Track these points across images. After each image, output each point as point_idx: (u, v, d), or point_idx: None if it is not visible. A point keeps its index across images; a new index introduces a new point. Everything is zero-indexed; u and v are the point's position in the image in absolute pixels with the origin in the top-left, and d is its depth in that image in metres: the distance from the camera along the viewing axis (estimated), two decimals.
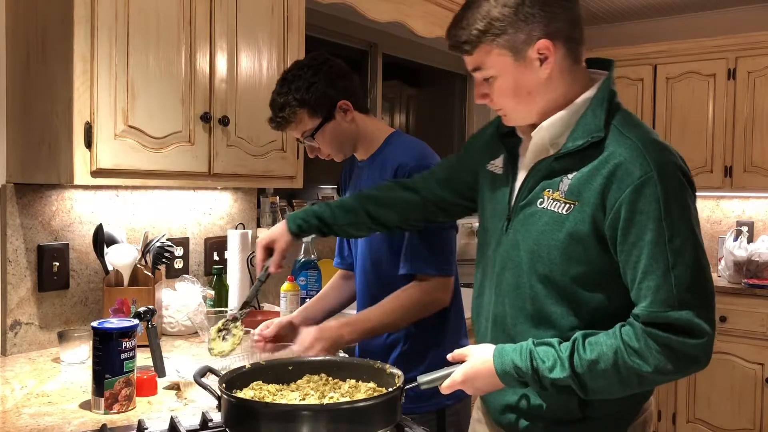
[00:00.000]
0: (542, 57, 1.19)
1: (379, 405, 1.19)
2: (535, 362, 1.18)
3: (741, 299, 3.79)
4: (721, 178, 4.09)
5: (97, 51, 1.76)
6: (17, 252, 1.99)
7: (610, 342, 1.15)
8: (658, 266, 1.13)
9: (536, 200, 1.26)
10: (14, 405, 1.53)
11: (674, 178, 1.16)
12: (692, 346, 1.13)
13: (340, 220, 1.60)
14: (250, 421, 1.17)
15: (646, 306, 1.14)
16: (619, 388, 1.18)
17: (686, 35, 4.34)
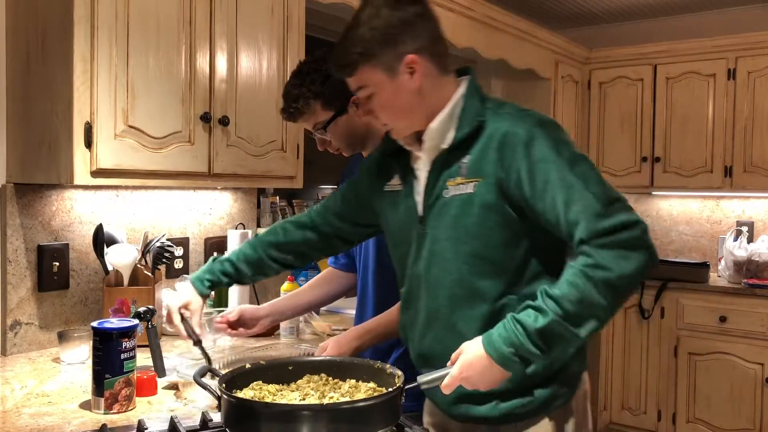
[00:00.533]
0: (411, 70, 1.34)
1: (380, 405, 1.19)
2: (518, 326, 1.22)
3: (741, 299, 3.79)
4: (721, 178, 4.09)
5: (97, 51, 1.76)
6: (17, 252, 1.99)
7: (571, 272, 1.22)
8: (574, 192, 1.24)
9: (442, 192, 1.39)
10: (14, 405, 1.53)
11: (553, 127, 1.34)
12: (634, 236, 1.21)
13: (246, 273, 1.65)
14: (250, 421, 1.17)
15: (582, 228, 1.23)
16: (599, 308, 1.21)
17: (686, 35, 4.34)
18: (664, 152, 4.28)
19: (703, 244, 4.50)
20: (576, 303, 1.20)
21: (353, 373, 1.39)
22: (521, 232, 1.35)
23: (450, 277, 1.39)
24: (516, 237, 1.34)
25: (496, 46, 3.62)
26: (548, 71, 4.16)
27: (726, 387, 3.82)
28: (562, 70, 4.27)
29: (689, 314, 3.94)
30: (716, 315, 3.84)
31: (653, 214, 4.67)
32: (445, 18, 3.17)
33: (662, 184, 4.32)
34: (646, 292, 4.07)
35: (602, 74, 4.51)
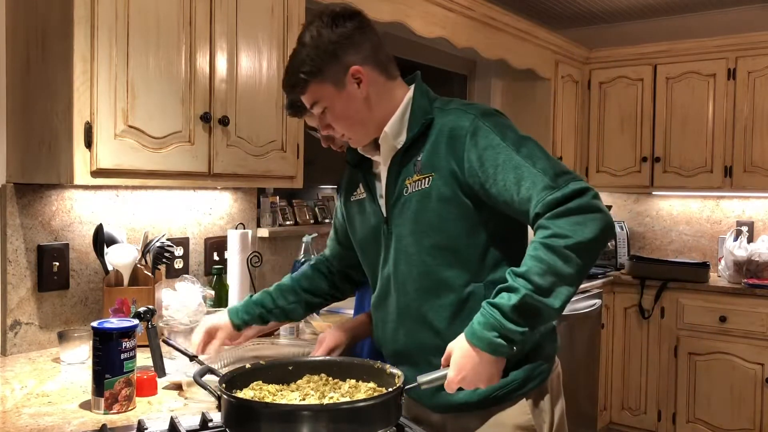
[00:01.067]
0: (358, 80, 1.41)
1: (380, 405, 1.19)
2: (496, 307, 1.23)
3: (741, 299, 3.79)
4: (721, 178, 4.09)
5: (97, 51, 1.76)
6: (17, 252, 1.99)
7: (532, 247, 1.26)
8: (523, 171, 1.30)
9: (402, 192, 1.45)
10: (14, 405, 1.53)
11: (494, 114, 1.41)
12: (586, 201, 1.26)
13: (280, 302, 1.72)
14: (250, 422, 1.17)
15: (536, 203, 1.27)
16: (567, 276, 1.23)
17: (686, 35, 4.34)
18: (664, 152, 4.28)
19: (703, 244, 4.50)
20: (543, 275, 1.22)
21: (353, 373, 1.39)
22: (479, 221, 1.40)
23: (416, 270, 1.44)
24: (476, 226, 1.41)
25: (496, 46, 3.62)
26: (548, 71, 4.16)
27: (726, 387, 3.82)
28: (562, 70, 4.27)
29: (689, 314, 3.94)
30: (716, 315, 3.84)
31: (653, 214, 4.67)
32: (445, 18, 3.18)
33: (662, 184, 4.32)
34: (646, 292, 4.07)
35: (602, 74, 4.51)
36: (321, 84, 1.41)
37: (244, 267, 2.40)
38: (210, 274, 2.46)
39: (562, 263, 1.22)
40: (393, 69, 1.49)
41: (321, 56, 1.40)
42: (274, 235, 2.82)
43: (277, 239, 2.87)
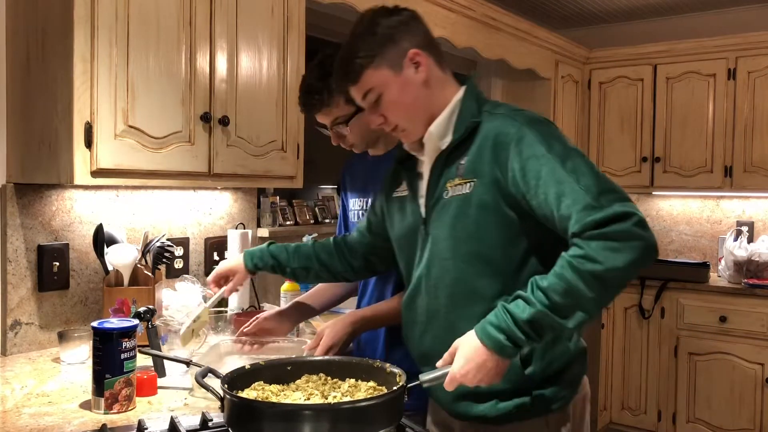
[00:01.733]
0: (416, 64, 1.40)
1: (385, 403, 1.19)
2: (508, 315, 1.23)
3: (741, 299, 3.79)
4: (721, 178, 4.09)
5: (97, 51, 1.76)
6: (17, 252, 1.99)
7: (560, 264, 1.23)
8: (566, 186, 1.25)
9: (442, 194, 1.42)
10: (14, 405, 1.53)
11: (542, 123, 1.36)
12: (626, 228, 1.20)
13: (293, 263, 1.76)
14: (255, 422, 1.17)
15: (574, 222, 1.23)
16: (587, 301, 1.21)
17: (686, 35, 4.34)
18: (664, 152, 4.28)
19: (703, 244, 4.50)
20: (562, 294, 1.20)
21: (352, 373, 1.39)
22: (520, 231, 1.36)
23: (449, 276, 1.41)
24: (515, 236, 1.36)
25: (496, 45, 3.62)
26: (548, 71, 4.16)
27: (726, 387, 3.82)
28: (562, 70, 4.27)
29: (689, 314, 3.94)
30: (716, 315, 3.84)
31: (653, 214, 4.67)
32: (445, 18, 3.18)
33: (662, 184, 4.32)
34: (646, 292, 4.07)
35: (602, 74, 4.51)
36: (377, 69, 1.39)
37: None
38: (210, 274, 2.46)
39: (585, 288, 1.19)
40: (445, 63, 1.47)
41: (378, 41, 1.39)
42: (274, 235, 2.82)
43: (277, 239, 2.87)
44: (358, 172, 1.97)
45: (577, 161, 1.28)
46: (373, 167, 1.88)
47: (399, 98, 1.41)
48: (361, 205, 1.94)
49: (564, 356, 1.42)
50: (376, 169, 1.87)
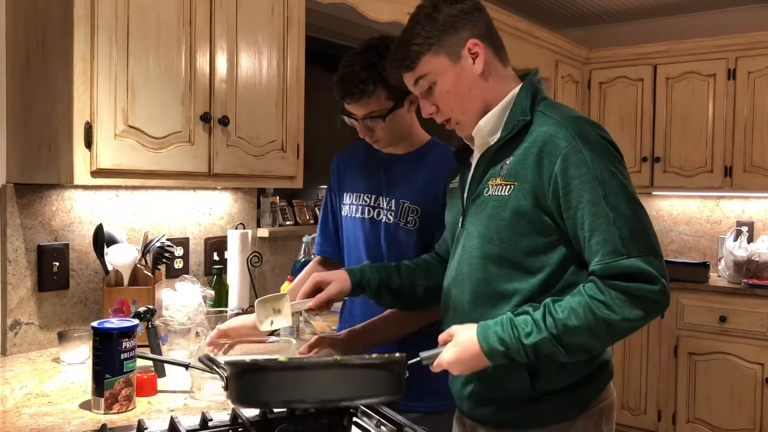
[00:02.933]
0: (474, 54, 1.38)
1: (387, 366, 1.17)
2: (515, 330, 1.25)
3: (741, 299, 3.79)
4: (721, 178, 4.09)
5: (97, 51, 1.76)
6: (17, 252, 1.99)
7: (577, 299, 1.24)
8: (601, 222, 1.24)
9: (483, 191, 1.40)
10: (14, 405, 1.53)
11: (596, 143, 1.30)
12: (650, 290, 1.21)
13: (397, 281, 1.58)
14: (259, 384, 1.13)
15: (599, 260, 1.24)
16: (593, 342, 1.25)
17: (686, 35, 4.34)
18: (664, 152, 4.28)
19: (703, 244, 4.50)
20: (573, 331, 1.23)
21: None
22: (555, 240, 1.33)
23: (476, 275, 1.40)
24: (553, 243, 1.33)
25: None
26: (548, 71, 4.16)
27: (726, 387, 3.82)
28: (562, 70, 4.27)
29: (689, 314, 3.94)
30: (716, 315, 3.84)
31: (653, 214, 4.67)
32: None
33: (662, 184, 4.32)
34: None
35: (602, 74, 4.51)
36: (435, 56, 1.38)
37: (244, 267, 2.40)
38: (210, 274, 2.46)
39: (594, 331, 1.23)
40: (505, 56, 1.45)
41: (438, 28, 1.37)
42: (274, 235, 2.82)
43: (277, 239, 2.87)
44: (355, 166, 1.94)
45: (619, 198, 1.26)
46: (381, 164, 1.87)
47: (454, 88, 1.39)
48: (357, 201, 1.88)
49: (578, 372, 1.38)
50: (384, 167, 1.85)
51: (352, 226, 1.88)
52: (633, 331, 1.26)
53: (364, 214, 1.86)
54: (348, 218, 1.91)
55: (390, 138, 1.79)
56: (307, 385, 1.11)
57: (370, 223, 1.84)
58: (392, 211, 1.80)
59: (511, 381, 1.36)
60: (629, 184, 1.30)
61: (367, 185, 1.88)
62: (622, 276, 1.22)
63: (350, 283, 1.52)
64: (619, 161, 1.32)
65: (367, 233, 1.83)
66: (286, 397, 1.12)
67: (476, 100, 1.40)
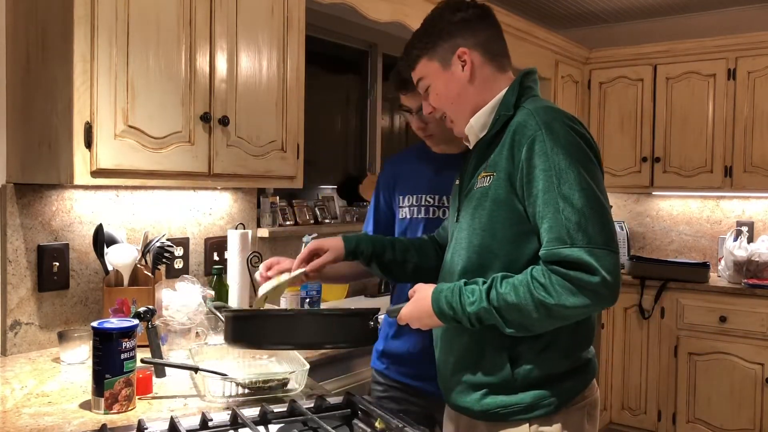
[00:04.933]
0: (463, 62, 1.46)
1: (359, 315, 1.42)
2: (462, 297, 1.33)
3: (741, 299, 3.79)
4: (721, 178, 4.09)
5: (97, 51, 1.76)
6: (17, 252, 1.99)
7: (521, 278, 1.30)
8: (549, 210, 1.29)
9: (473, 185, 1.46)
10: (14, 405, 1.53)
11: (560, 134, 1.33)
12: (588, 281, 1.24)
13: (390, 255, 1.69)
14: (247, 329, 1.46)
15: (544, 246, 1.30)
16: (530, 320, 1.30)
17: (686, 35, 4.34)
18: (664, 152, 4.28)
19: (703, 244, 4.50)
20: (511, 306, 1.29)
21: None
22: (531, 230, 1.36)
23: (461, 265, 1.45)
24: (525, 234, 1.37)
25: None
26: (548, 71, 4.16)
27: (726, 387, 3.82)
28: (562, 70, 4.27)
29: (689, 314, 3.94)
30: (716, 315, 3.84)
31: (653, 214, 4.67)
32: None
33: (662, 184, 4.32)
34: (646, 292, 4.07)
35: (602, 74, 4.51)
36: (429, 61, 1.49)
37: (244, 267, 2.40)
38: (210, 274, 2.46)
39: (532, 310, 1.27)
40: (504, 62, 1.52)
41: (436, 34, 1.48)
42: (274, 235, 2.82)
43: (277, 239, 2.87)
44: (410, 169, 1.96)
45: (573, 188, 1.29)
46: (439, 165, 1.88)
47: (444, 91, 1.49)
48: (418, 202, 1.90)
49: (556, 364, 1.41)
50: (443, 167, 1.87)
51: (414, 227, 1.89)
52: (576, 317, 1.31)
53: (428, 214, 1.87)
54: (407, 220, 1.91)
55: (444, 133, 1.76)
56: (288, 330, 1.34)
57: (436, 223, 1.84)
58: None
59: (493, 365, 1.40)
60: (591, 177, 1.32)
61: (429, 186, 1.88)
62: (564, 263, 1.26)
63: (344, 251, 1.65)
64: (584, 154, 1.35)
65: (431, 233, 1.83)
66: (274, 340, 1.40)
67: (465, 103, 1.48)
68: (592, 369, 1.49)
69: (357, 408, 1.46)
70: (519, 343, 1.38)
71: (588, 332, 1.46)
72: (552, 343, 1.39)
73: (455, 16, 1.48)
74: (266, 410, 1.40)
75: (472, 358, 1.43)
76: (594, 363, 1.50)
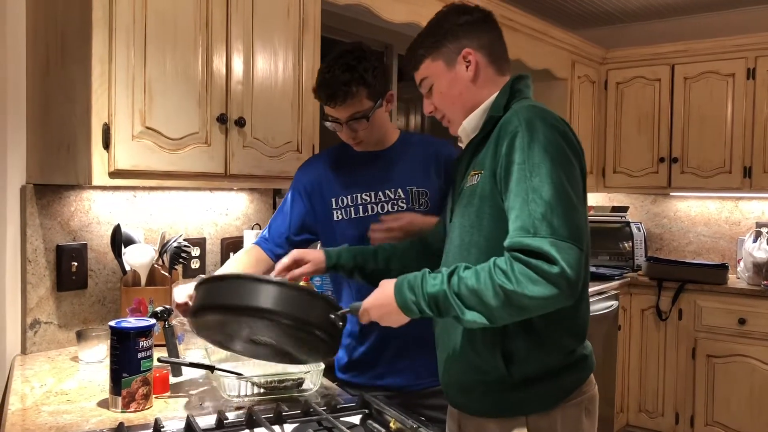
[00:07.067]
0: (467, 62, 1.50)
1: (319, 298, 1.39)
2: (424, 281, 1.32)
3: (760, 301, 3.75)
4: (740, 178, 4.05)
5: (115, 53, 1.78)
6: (36, 252, 2.01)
7: (484, 265, 1.29)
8: (518, 200, 1.30)
9: (465, 184, 1.50)
10: (34, 403, 1.55)
11: (539, 131, 1.33)
12: (547, 271, 1.22)
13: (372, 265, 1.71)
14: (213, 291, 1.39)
15: (509, 234, 1.30)
16: (491, 308, 1.26)
17: (705, 35, 4.30)
18: (682, 153, 4.24)
19: (722, 245, 4.46)
20: (470, 291, 1.27)
21: None
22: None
23: (452, 263, 1.44)
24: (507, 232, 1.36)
25: (512, 46, 3.56)
26: (564, 71, 4.14)
27: (745, 390, 3.78)
28: (578, 70, 4.25)
29: (707, 316, 3.91)
30: (735, 317, 3.80)
31: (671, 215, 4.63)
32: None
33: (680, 185, 4.28)
34: (664, 294, 4.04)
35: (619, 74, 4.48)
36: (434, 61, 1.52)
37: None
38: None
39: (492, 296, 1.25)
40: (505, 66, 1.57)
41: (442, 35, 1.51)
42: None
43: None
44: (331, 172, 1.94)
45: (544, 181, 1.29)
46: (366, 162, 1.90)
47: (447, 91, 1.52)
48: (353, 202, 1.89)
49: (551, 360, 1.42)
50: (371, 164, 1.90)
51: (354, 226, 1.87)
52: (536, 309, 1.27)
53: (367, 212, 1.87)
54: (344, 221, 1.89)
55: (372, 138, 1.86)
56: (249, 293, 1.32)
57: (376, 220, 1.84)
58: (402, 199, 1.86)
59: (488, 362, 1.41)
60: (565, 174, 1.31)
61: (360, 184, 1.89)
62: (526, 252, 1.25)
63: (325, 266, 1.68)
64: (562, 151, 1.34)
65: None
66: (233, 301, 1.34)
67: (466, 103, 1.51)
68: (590, 365, 1.50)
69: (371, 408, 1.46)
70: (511, 341, 1.39)
71: (580, 327, 1.47)
72: (544, 340, 1.40)
73: (461, 18, 1.52)
74: (281, 410, 1.40)
75: (467, 356, 1.45)
76: (591, 359, 1.51)
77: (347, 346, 1.93)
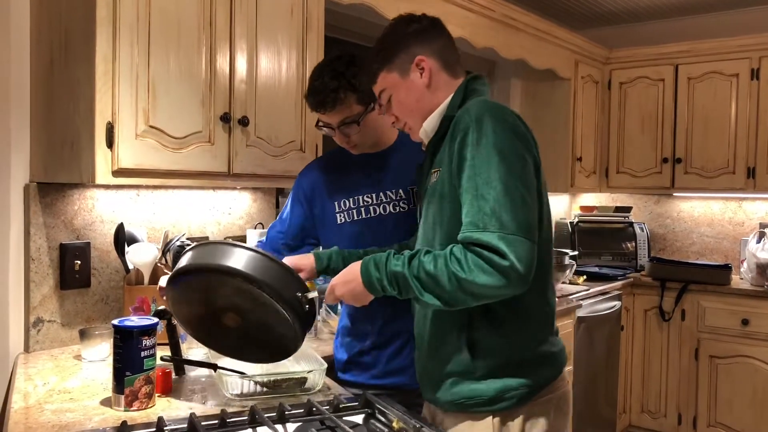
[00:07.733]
0: (421, 69, 1.52)
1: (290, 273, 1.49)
2: (389, 260, 1.40)
3: (763, 302, 3.74)
4: (744, 179, 4.04)
5: (119, 52, 1.78)
6: (40, 250, 2.02)
7: (442, 252, 1.36)
8: (468, 196, 1.34)
9: (427, 184, 1.54)
10: (37, 401, 1.55)
11: (489, 125, 1.36)
12: (498, 262, 1.28)
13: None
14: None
15: (462, 230, 1.35)
16: (446, 292, 1.33)
17: (708, 35, 4.29)
18: (686, 153, 4.24)
19: (725, 246, 4.45)
20: (427, 275, 1.34)
21: None
22: None
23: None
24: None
25: (516, 46, 3.60)
26: (568, 71, 4.13)
27: (748, 391, 3.77)
28: (582, 70, 4.25)
29: (710, 317, 3.90)
30: (738, 318, 3.80)
31: (674, 216, 4.62)
32: (464, 18, 3.17)
33: (683, 185, 4.28)
34: (667, 294, 4.03)
35: (622, 74, 4.47)
36: (389, 72, 1.54)
37: None
38: None
39: (445, 281, 1.32)
40: (458, 69, 1.58)
41: (393, 47, 1.54)
42: None
43: None
44: (332, 175, 1.94)
45: (492, 175, 1.33)
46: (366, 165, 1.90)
47: (404, 99, 1.55)
48: (355, 204, 1.89)
49: (515, 352, 1.44)
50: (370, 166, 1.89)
51: (357, 229, 1.87)
52: (488, 296, 1.33)
53: (369, 213, 1.87)
54: (347, 224, 1.89)
55: (366, 141, 1.86)
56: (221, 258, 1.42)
57: (378, 221, 1.85)
58: (404, 199, 1.86)
59: (454, 351, 1.46)
60: (514, 168, 1.34)
61: (362, 186, 1.89)
62: (477, 245, 1.30)
63: (316, 271, 1.73)
64: (511, 145, 1.37)
65: (375, 231, 1.84)
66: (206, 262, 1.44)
67: (424, 108, 1.54)
68: (560, 362, 1.52)
69: (374, 407, 1.46)
70: (476, 330, 1.43)
71: (544, 319, 1.49)
72: (508, 330, 1.43)
73: (410, 27, 1.54)
74: (284, 409, 1.40)
75: (436, 347, 1.49)
76: (562, 356, 1.53)
77: (347, 345, 1.93)
